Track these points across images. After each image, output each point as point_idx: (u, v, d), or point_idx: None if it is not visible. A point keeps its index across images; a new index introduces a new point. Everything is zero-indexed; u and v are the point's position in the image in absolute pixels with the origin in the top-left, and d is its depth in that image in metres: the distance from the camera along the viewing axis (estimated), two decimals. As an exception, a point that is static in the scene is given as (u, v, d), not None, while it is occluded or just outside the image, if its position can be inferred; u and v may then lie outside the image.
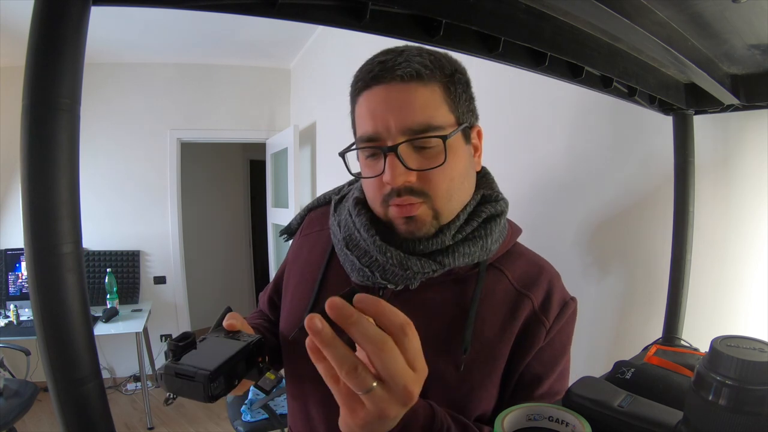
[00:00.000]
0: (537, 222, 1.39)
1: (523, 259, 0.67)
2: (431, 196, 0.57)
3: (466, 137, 0.61)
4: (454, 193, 0.59)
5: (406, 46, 0.58)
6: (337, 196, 0.73)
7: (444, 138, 0.55)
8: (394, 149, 0.54)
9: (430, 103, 0.56)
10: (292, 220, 0.83)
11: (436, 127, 0.55)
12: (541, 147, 1.36)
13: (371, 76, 0.56)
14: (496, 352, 0.60)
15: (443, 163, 0.55)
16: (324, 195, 0.80)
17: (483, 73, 1.56)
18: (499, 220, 0.63)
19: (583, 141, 1.24)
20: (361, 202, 0.65)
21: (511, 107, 1.47)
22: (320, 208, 0.79)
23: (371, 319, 0.37)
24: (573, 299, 0.66)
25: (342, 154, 0.60)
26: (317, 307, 0.64)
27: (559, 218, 1.32)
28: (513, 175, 1.46)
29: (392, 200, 0.58)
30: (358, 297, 0.37)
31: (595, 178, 1.21)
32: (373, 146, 0.57)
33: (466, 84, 0.61)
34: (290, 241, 0.83)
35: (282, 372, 0.72)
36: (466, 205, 0.62)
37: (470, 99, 0.62)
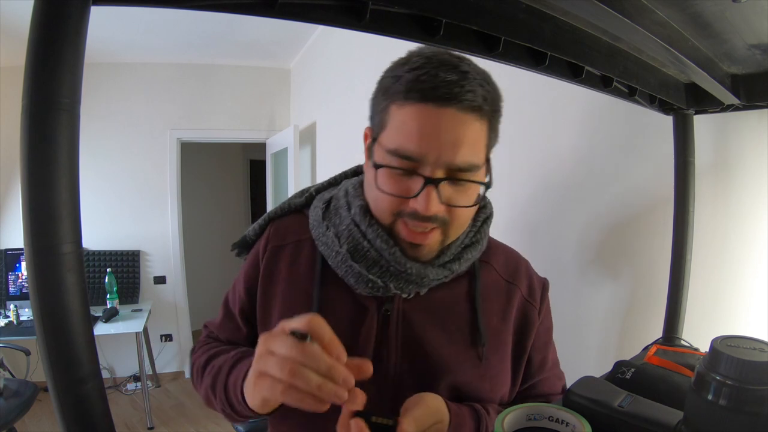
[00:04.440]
0: (537, 222, 1.39)
1: (500, 251, 0.71)
2: (449, 224, 0.57)
3: (489, 169, 0.60)
4: (466, 223, 0.61)
5: (470, 64, 0.54)
6: (322, 204, 0.67)
7: (483, 184, 0.57)
8: (436, 182, 0.52)
9: (479, 140, 0.54)
10: (249, 231, 0.74)
11: (477, 167, 0.55)
12: (542, 147, 1.36)
13: (436, 94, 0.51)
14: (503, 338, 0.65)
15: (474, 204, 0.57)
16: (289, 203, 0.72)
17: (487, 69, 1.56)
18: (490, 222, 0.68)
19: (583, 141, 1.24)
20: (369, 212, 0.61)
21: (513, 107, 1.47)
22: (287, 217, 0.72)
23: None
24: (546, 279, 0.73)
25: (378, 166, 0.55)
26: None
27: (559, 218, 1.32)
28: (514, 176, 1.46)
29: (409, 221, 0.56)
30: None
31: (595, 178, 1.21)
32: (412, 169, 0.53)
33: (500, 119, 0.59)
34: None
35: None
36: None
37: (497, 134, 0.60)
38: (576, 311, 1.26)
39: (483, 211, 0.67)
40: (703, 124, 0.92)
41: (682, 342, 0.91)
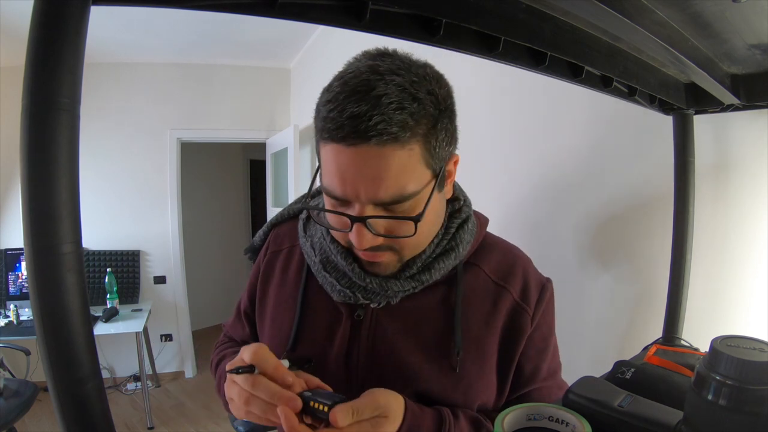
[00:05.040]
0: (537, 221, 1.39)
1: (495, 250, 0.67)
2: (399, 250, 0.57)
3: (441, 183, 0.55)
4: (422, 242, 0.59)
5: (387, 84, 0.48)
6: (304, 216, 0.70)
7: (412, 219, 0.52)
8: (362, 220, 0.51)
9: (406, 169, 0.50)
10: (255, 238, 0.78)
11: (408, 197, 0.51)
12: (541, 147, 1.36)
13: (340, 135, 0.48)
14: (485, 348, 0.62)
15: (413, 234, 0.52)
16: (288, 209, 0.75)
17: (484, 72, 1.56)
18: (466, 226, 0.64)
19: (583, 141, 1.24)
20: None
21: (513, 106, 1.47)
22: (286, 223, 0.75)
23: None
24: (549, 280, 0.67)
25: (312, 212, 0.61)
26: (302, 330, 0.64)
27: (559, 218, 1.32)
28: (513, 175, 1.46)
29: (358, 251, 0.57)
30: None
31: (595, 178, 1.21)
32: (340, 212, 0.53)
33: (450, 118, 0.53)
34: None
35: None
36: (438, 232, 0.62)
37: (453, 133, 0.55)
38: (576, 311, 1.26)
39: (457, 216, 0.63)
40: (703, 124, 0.92)
41: (682, 342, 0.91)
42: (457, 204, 0.65)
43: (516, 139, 1.45)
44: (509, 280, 0.64)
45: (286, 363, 0.53)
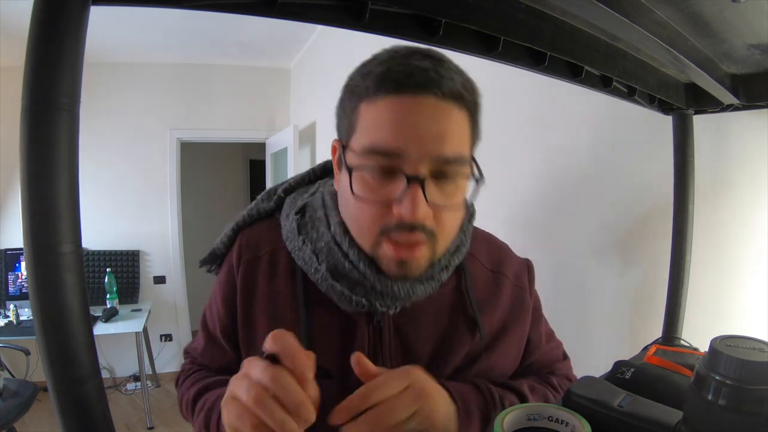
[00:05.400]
0: (537, 222, 1.39)
1: (482, 242, 0.69)
2: (437, 237, 0.51)
3: (473, 169, 0.53)
4: (455, 232, 0.56)
5: (442, 54, 0.50)
6: (295, 214, 0.60)
7: (474, 177, 0.51)
8: (422, 180, 0.46)
9: (463, 132, 0.49)
10: (217, 243, 0.67)
11: (466, 161, 0.49)
12: (541, 147, 1.37)
13: (411, 81, 0.46)
14: (499, 324, 0.64)
15: (462, 201, 0.51)
16: (257, 209, 0.66)
17: (483, 72, 1.56)
18: (473, 222, 0.66)
19: (582, 141, 1.24)
20: (348, 231, 0.55)
21: (513, 106, 1.47)
22: (256, 225, 0.65)
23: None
24: (528, 260, 0.72)
25: (351, 170, 0.49)
26: (313, 347, 0.50)
27: (559, 218, 1.32)
28: (513, 175, 1.46)
29: (395, 235, 0.49)
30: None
31: (595, 178, 1.21)
32: (391, 168, 0.47)
33: (480, 114, 0.54)
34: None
35: None
36: None
37: (480, 130, 0.55)
38: (576, 311, 1.26)
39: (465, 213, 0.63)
40: (702, 124, 0.92)
41: (682, 342, 0.91)
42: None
43: (516, 138, 1.45)
44: (501, 266, 0.67)
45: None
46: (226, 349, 0.64)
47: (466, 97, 0.49)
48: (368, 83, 0.48)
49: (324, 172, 0.70)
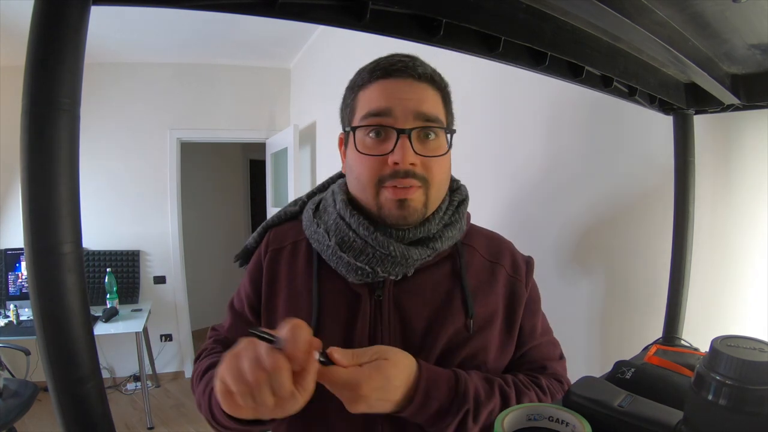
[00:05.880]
0: (537, 221, 1.39)
1: (482, 235, 0.76)
2: (429, 182, 0.63)
3: (450, 142, 0.68)
4: (443, 185, 0.67)
5: (416, 55, 0.65)
6: (313, 206, 0.73)
7: (448, 132, 0.65)
8: (408, 132, 0.60)
9: (436, 102, 0.64)
10: (249, 240, 0.78)
11: (442, 123, 0.64)
12: (541, 146, 1.37)
13: (394, 69, 0.62)
14: (490, 311, 0.69)
15: (445, 153, 0.64)
16: (284, 211, 0.79)
17: (480, 72, 1.56)
18: (466, 203, 0.74)
19: (582, 140, 1.24)
20: (351, 203, 0.67)
21: (514, 105, 1.47)
22: (282, 224, 0.77)
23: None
24: (531, 257, 0.77)
25: (354, 129, 0.63)
26: (322, 317, 0.65)
27: (559, 218, 1.32)
28: (513, 175, 1.46)
29: (391, 181, 0.61)
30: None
31: (595, 179, 1.21)
32: (386, 124, 0.61)
33: (451, 101, 0.69)
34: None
35: None
36: (444, 198, 0.70)
37: (452, 114, 0.70)
38: (576, 311, 1.26)
39: (458, 194, 0.73)
40: (703, 124, 0.92)
41: (682, 342, 0.91)
42: (455, 184, 0.75)
43: (515, 138, 1.45)
44: (500, 258, 0.73)
45: (316, 356, 0.48)
46: (251, 322, 0.73)
47: (437, 81, 0.65)
48: (363, 76, 0.64)
49: (339, 178, 0.79)
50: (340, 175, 0.79)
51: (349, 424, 0.63)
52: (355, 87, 0.65)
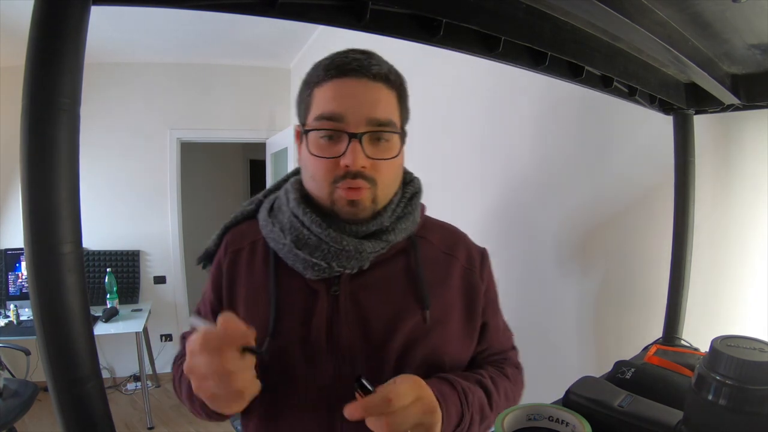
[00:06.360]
0: (537, 221, 1.39)
1: (436, 228, 0.77)
2: (377, 183, 0.64)
3: (403, 140, 0.69)
4: (393, 184, 0.68)
5: (373, 51, 0.64)
6: (268, 205, 0.74)
7: (400, 135, 0.66)
8: (359, 136, 0.60)
9: (391, 104, 0.64)
10: (210, 243, 0.80)
11: (395, 125, 0.64)
12: (540, 145, 1.36)
13: (349, 68, 0.61)
14: (447, 302, 0.70)
15: (395, 157, 0.65)
16: (241, 211, 0.79)
17: (478, 70, 1.56)
18: (419, 196, 0.74)
19: (582, 140, 1.24)
20: (304, 200, 0.68)
21: (514, 104, 1.47)
22: (240, 224, 0.78)
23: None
24: (485, 248, 0.78)
25: (307, 131, 0.64)
26: (280, 313, 0.66)
27: (560, 217, 1.32)
28: (513, 174, 1.46)
29: (343, 182, 0.63)
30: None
31: (596, 179, 1.21)
32: (339, 129, 0.61)
33: (407, 97, 0.69)
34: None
35: None
36: (397, 191, 0.71)
37: (408, 110, 0.70)
38: (576, 311, 1.26)
39: (411, 186, 0.74)
40: (703, 124, 0.92)
41: (682, 342, 0.91)
42: (408, 177, 0.75)
43: (515, 137, 1.45)
44: (455, 250, 0.74)
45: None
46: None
47: (392, 80, 0.64)
48: (318, 72, 0.63)
49: (295, 175, 0.79)
50: (295, 173, 0.79)
51: (313, 415, 0.64)
52: (310, 83, 0.65)
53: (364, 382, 0.50)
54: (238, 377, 0.49)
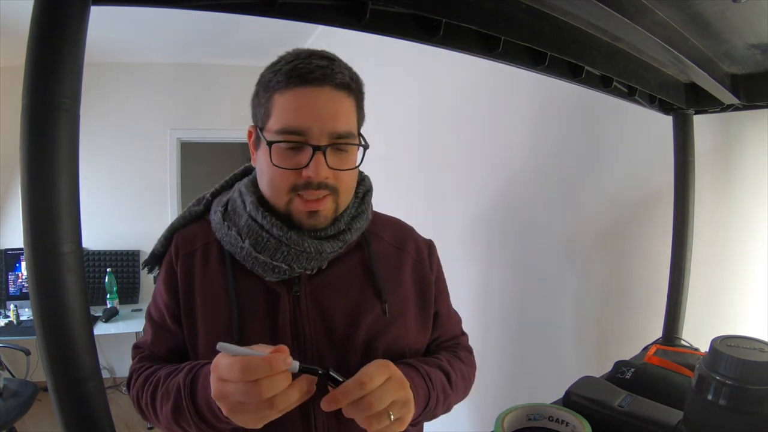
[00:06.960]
0: (537, 221, 1.39)
1: (386, 223, 0.80)
2: (339, 191, 0.65)
3: (361, 141, 0.70)
4: (352, 189, 0.70)
5: (335, 56, 0.65)
6: (221, 207, 0.72)
7: (360, 146, 0.67)
8: (324, 149, 0.61)
9: (351, 114, 0.65)
10: (156, 246, 0.76)
11: (354, 136, 0.65)
12: (540, 145, 1.36)
13: (312, 76, 0.61)
14: (402, 294, 0.73)
15: (357, 167, 0.67)
16: (189, 212, 0.77)
17: (479, 71, 1.56)
18: (371, 194, 0.76)
19: (582, 140, 1.24)
20: (260, 203, 0.68)
21: (513, 104, 1.47)
22: (189, 226, 0.75)
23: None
24: (431, 240, 0.81)
25: (270, 143, 0.63)
26: (243, 319, 0.66)
27: (559, 218, 1.32)
28: (513, 174, 1.46)
29: (304, 192, 0.63)
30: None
31: (595, 179, 1.21)
32: (301, 141, 0.61)
33: (364, 100, 0.71)
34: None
35: None
36: None
37: (364, 113, 0.71)
38: (576, 311, 1.26)
39: (362, 185, 0.75)
40: (703, 124, 0.92)
41: (682, 342, 0.91)
42: (360, 176, 0.76)
43: (514, 136, 1.45)
44: (405, 244, 0.77)
45: (296, 365, 0.49)
46: (174, 331, 0.72)
47: (353, 87, 0.65)
48: (279, 78, 0.62)
49: (244, 174, 0.80)
50: (245, 171, 0.79)
51: (287, 413, 0.60)
52: (270, 87, 0.64)
53: (333, 374, 0.51)
54: (281, 400, 0.49)
